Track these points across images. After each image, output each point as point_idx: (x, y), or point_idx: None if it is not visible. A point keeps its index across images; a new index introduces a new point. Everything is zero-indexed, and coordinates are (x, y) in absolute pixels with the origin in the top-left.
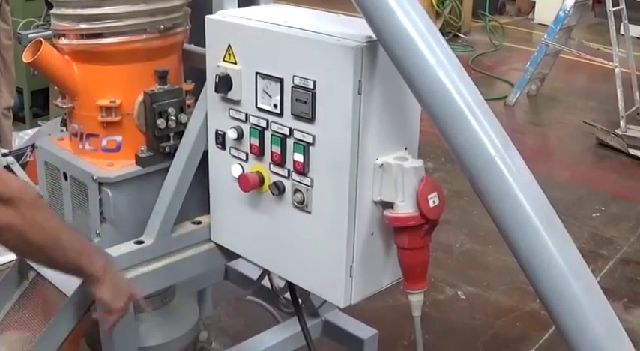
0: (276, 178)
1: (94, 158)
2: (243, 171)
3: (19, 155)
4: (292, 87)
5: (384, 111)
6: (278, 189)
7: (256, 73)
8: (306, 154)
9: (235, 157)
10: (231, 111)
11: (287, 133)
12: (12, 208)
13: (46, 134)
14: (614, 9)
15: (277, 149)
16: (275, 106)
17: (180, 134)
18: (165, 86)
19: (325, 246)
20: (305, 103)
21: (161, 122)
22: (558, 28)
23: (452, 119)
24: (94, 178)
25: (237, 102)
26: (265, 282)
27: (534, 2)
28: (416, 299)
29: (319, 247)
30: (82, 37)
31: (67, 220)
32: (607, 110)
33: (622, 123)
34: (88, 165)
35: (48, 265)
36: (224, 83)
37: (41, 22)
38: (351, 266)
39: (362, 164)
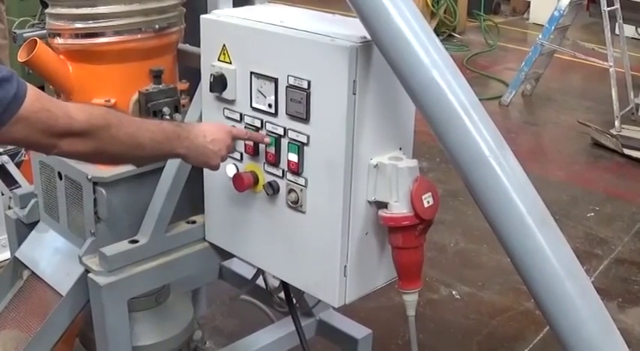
0: (270, 178)
1: None
2: (238, 171)
3: (13, 154)
4: (287, 87)
5: (379, 111)
6: (272, 189)
7: (251, 72)
8: (300, 153)
9: (230, 156)
10: (225, 110)
11: (281, 133)
12: (88, 138)
13: None
14: (609, 9)
15: (272, 149)
16: (270, 105)
17: None
18: (160, 86)
19: (319, 246)
20: (299, 102)
21: None
22: (553, 27)
23: (446, 119)
24: (89, 177)
25: (231, 102)
26: (260, 281)
27: (529, 2)
28: (410, 299)
29: (313, 246)
30: (77, 36)
31: (62, 219)
32: (602, 110)
33: (617, 123)
34: (83, 164)
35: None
36: (219, 83)
37: (36, 21)
38: (346, 266)
39: (356, 164)
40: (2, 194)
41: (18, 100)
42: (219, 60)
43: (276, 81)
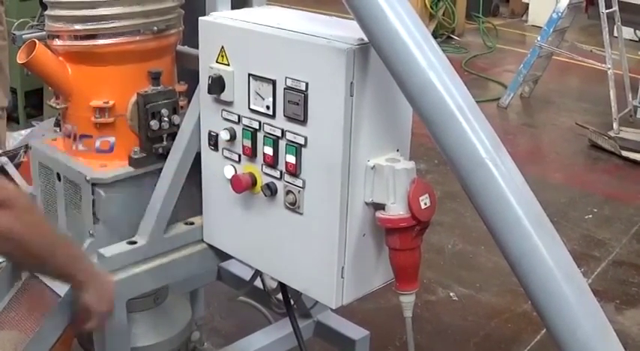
0: (268, 180)
1: (87, 159)
2: (236, 172)
3: (12, 156)
4: (285, 89)
5: (376, 113)
6: (270, 190)
7: (249, 74)
8: (298, 155)
9: (228, 158)
10: (223, 112)
11: (279, 135)
12: (8, 211)
13: (39, 135)
14: (607, 11)
15: (270, 150)
16: (267, 107)
17: (173, 135)
18: (159, 87)
19: (317, 247)
20: (297, 104)
21: (154, 123)
22: (551, 30)
23: (443, 121)
24: (87, 178)
25: (229, 103)
26: (258, 283)
27: (528, 4)
28: (407, 300)
29: (311, 248)
30: (76, 38)
31: (61, 220)
32: (600, 112)
33: (615, 125)
34: (82, 166)
35: (39, 271)
36: (217, 85)
37: (35, 23)
38: (343, 267)
39: (354, 166)
40: None
41: None
42: (217, 62)
43: (274, 83)
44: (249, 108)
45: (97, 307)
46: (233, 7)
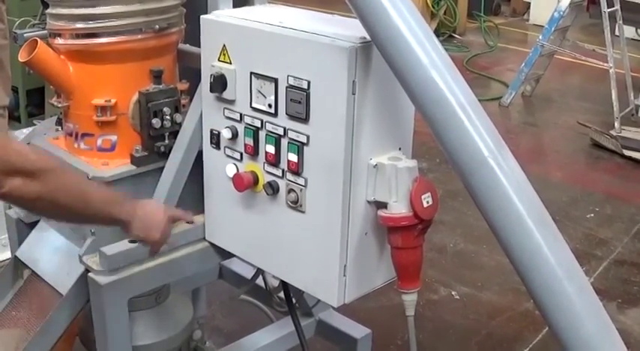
0: (270, 178)
1: (89, 157)
2: (238, 170)
3: None
4: (287, 87)
5: (378, 111)
6: (272, 188)
7: (251, 73)
8: (300, 153)
9: (230, 156)
10: (225, 111)
11: (281, 133)
12: (37, 180)
13: (41, 133)
14: (609, 10)
15: (272, 149)
16: (269, 106)
17: (175, 134)
18: (160, 86)
19: (319, 245)
20: (299, 103)
21: (156, 122)
22: (553, 28)
23: (445, 120)
24: (89, 177)
25: (231, 102)
26: (259, 281)
27: (529, 3)
28: (409, 299)
29: (313, 246)
30: (78, 36)
31: None
32: (601, 111)
33: (616, 124)
34: (83, 164)
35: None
36: (219, 83)
37: (37, 22)
38: (345, 266)
39: (356, 164)
40: None
41: None
42: (219, 60)
43: (276, 81)
44: (251, 106)
45: (148, 238)
46: (235, 6)
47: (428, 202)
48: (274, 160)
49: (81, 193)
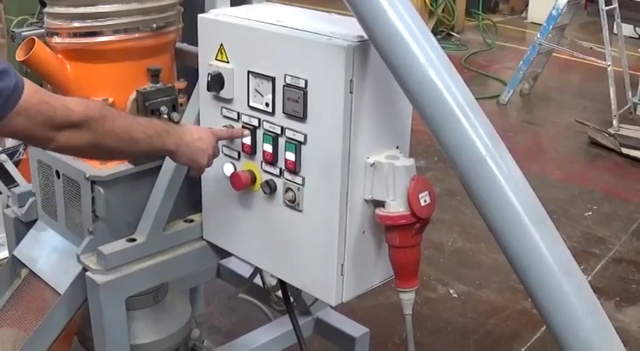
0: (267, 177)
1: None
2: (235, 169)
3: (11, 153)
4: (284, 86)
5: (376, 110)
6: (270, 187)
7: (248, 71)
8: (297, 152)
9: (227, 155)
10: (223, 109)
11: (279, 132)
12: (84, 129)
13: None
14: (607, 8)
15: (269, 148)
16: (267, 104)
17: None
18: (158, 85)
19: (317, 244)
20: (297, 101)
21: None
22: (551, 26)
23: (442, 118)
24: (87, 176)
25: (229, 100)
26: (257, 280)
27: (527, 1)
28: (407, 297)
29: (311, 245)
30: (75, 35)
31: (60, 217)
32: (600, 109)
33: (615, 122)
34: (81, 163)
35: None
36: (216, 82)
37: (34, 20)
38: (343, 264)
39: (353, 163)
40: (0, 193)
41: (17, 91)
42: (216, 59)
43: (273, 80)
44: (249, 105)
45: (195, 163)
46: (232, 5)
47: (425, 201)
48: (272, 159)
49: (128, 134)
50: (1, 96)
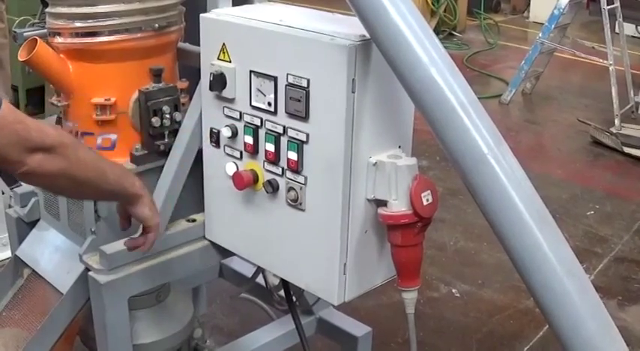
0: (270, 176)
1: None
2: (238, 169)
3: None
4: (286, 85)
5: (378, 109)
6: (272, 187)
7: (250, 71)
8: (300, 152)
9: (229, 155)
10: (225, 109)
11: (281, 131)
12: (57, 155)
13: None
14: (609, 7)
15: (271, 147)
16: (269, 104)
17: (174, 132)
18: (160, 84)
19: (319, 244)
20: (299, 101)
21: (156, 120)
22: (553, 26)
23: (444, 117)
24: None
25: (231, 100)
26: (260, 280)
27: (529, 0)
28: (409, 297)
29: (313, 244)
30: (77, 35)
31: (63, 217)
32: (602, 108)
33: (617, 121)
34: None
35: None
36: (218, 81)
37: (36, 21)
38: (345, 264)
39: (355, 162)
40: (3, 193)
41: None
42: (218, 59)
43: (275, 79)
44: (251, 105)
45: (153, 218)
46: (234, 4)
47: (428, 200)
48: (274, 159)
49: (98, 167)
50: None
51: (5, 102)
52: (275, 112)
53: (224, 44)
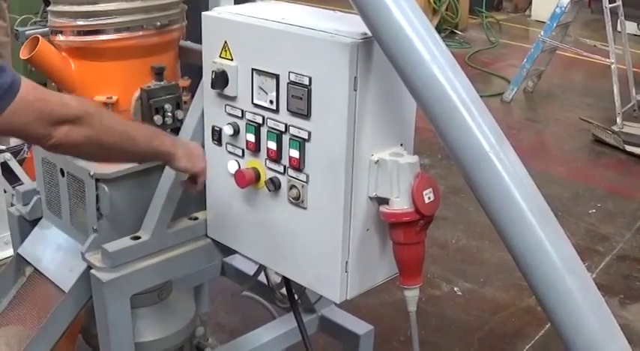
0: (272, 174)
1: None
2: (240, 167)
3: (16, 151)
4: (288, 83)
5: (380, 107)
6: (274, 185)
7: (252, 69)
8: (301, 150)
9: (231, 153)
10: (227, 107)
11: (283, 129)
12: (82, 124)
13: None
14: (611, 5)
15: (273, 145)
16: (271, 102)
17: (176, 130)
18: (162, 83)
19: (321, 241)
20: (301, 99)
21: (158, 118)
22: (555, 24)
23: (446, 115)
24: (91, 174)
25: (233, 98)
26: (261, 278)
27: None
28: (411, 294)
29: (315, 242)
30: (79, 33)
31: (65, 215)
32: (603, 107)
33: (618, 119)
34: (85, 161)
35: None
36: (220, 79)
37: (38, 19)
38: (347, 262)
39: (357, 160)
40: (5, 191)
41: (15, 88)
42: (220, 57)
43: (277, 77)
44: (253, 103)
45: (195, 167)
46: (236, 2)
47: (429, 198)
48: (276, 157)
49: (125, 131)
50: None
51: (25, 81)
52: (277, 110)
53: (226, 42)
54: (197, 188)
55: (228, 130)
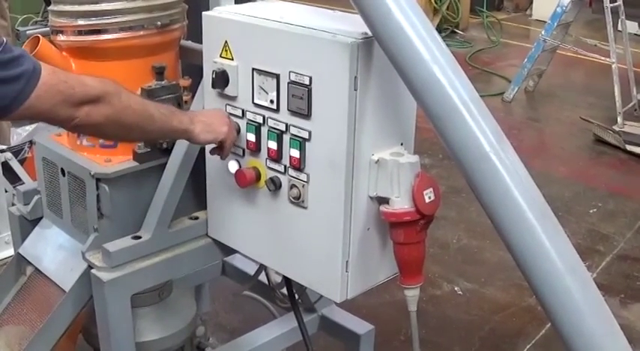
0: (272, 174)
1: (91, 154)
2: (240, 166)
3: (17, 151)
4: (288, 83)
5: (380, 107)
6: (274, 184)
7: (253, 69)
8: (302, 149)
9: (232, 152)
10: (227, 107)
11: (283, 129)
12: (103, 104)
13: (44, 130)
14: (612, 5)
15: (274, 145)
16: (271, 101)
17: None
18: (163, 82)
19: (321, 241)
20: (301, 99)
21: None
22: (556, 24)
23: (447, 115)
24: (92, 173)
25: (233, 98)
26: (262, 277)
27: None
28: (412, 294)
29: (315, 242)
30: (80, 33)
31: (65, 215)
32: (604, 106)
33: (619, 119)
34: (86, 161)
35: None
36: (221, 79)
37: (39, 19)
38: (347, 261)
39: (358, 160)
40: (6, 191)
41: (36, 73)
42: (221, 56)
43: (277, 77)
44: (253, 102)
45: (218, 136)
46: (236, 2)
47: (430, 198)
48: (276, 156)
49: (144, 109)
50: (22, 79)
51: (44, 66)
52: (277, 110)
53: (226, 42)
54: (224, 154)
55: None
